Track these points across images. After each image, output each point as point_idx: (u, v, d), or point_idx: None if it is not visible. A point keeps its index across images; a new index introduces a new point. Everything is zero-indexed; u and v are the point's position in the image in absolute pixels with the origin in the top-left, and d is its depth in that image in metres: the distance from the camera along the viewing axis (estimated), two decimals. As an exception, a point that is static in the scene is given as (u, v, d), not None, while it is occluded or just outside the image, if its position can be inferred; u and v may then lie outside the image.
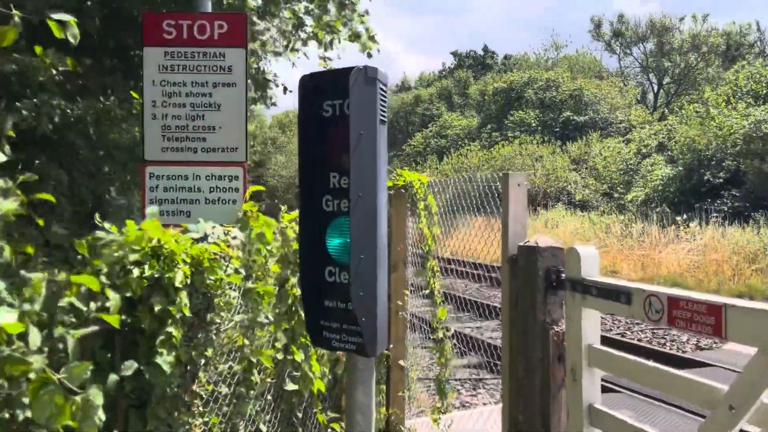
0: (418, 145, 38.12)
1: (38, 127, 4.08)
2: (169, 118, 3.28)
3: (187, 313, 2.45)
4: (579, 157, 28.99)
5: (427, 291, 4.27)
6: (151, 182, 3.27)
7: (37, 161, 4.41)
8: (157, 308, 2.34)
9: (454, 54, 54.76)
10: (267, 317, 3.16)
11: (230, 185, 3.22)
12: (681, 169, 22.29)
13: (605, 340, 8.55)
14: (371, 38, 7.62)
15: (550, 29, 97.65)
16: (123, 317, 2.34)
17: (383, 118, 2.99)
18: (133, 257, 2.35)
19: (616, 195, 25.12)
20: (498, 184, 3.21)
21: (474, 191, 3.74)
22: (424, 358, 7.71)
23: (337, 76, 2.80)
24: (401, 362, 4.73)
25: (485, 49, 54.61)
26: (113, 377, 2.20)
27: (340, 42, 7.68)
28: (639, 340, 9.25)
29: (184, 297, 2.44)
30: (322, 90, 2.91)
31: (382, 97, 2.97)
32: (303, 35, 7.82)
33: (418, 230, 4.55)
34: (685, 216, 18.23)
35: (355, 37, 7.63)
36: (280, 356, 3.32)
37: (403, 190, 4.74)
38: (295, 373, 3.47)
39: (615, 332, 9.74)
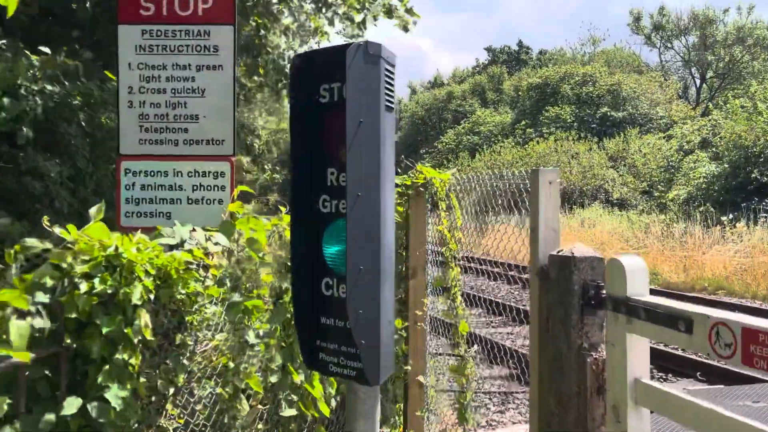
0: (450, 142, 37.45)
1: (27, 117, 3.78)
2: (147, 106, 2.87)
3: (148, 336, 2.06)
4: (617, 154, 28.03)
5: (449, 301, 3.82)
6: (126, 179, 2.88)
7: (22, 154, 4.11)
8: (106, 330, 1.95)
9: (488, 50, 53.91)
10: (258, 335, 2.76)
11: (216, 183, 2.82)
12: (726, 166, 21.26)
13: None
14: (408, 11, 7.07)
15: (587, 23, 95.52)
16: (68, 341, 1.96)
17: (390, 104, 2.55)
18: (81, 269, 1.97)
19: (656, 193, 24.17)
20: (527, 182, 2.75)
21: (501, 190, 3.28)
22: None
23: (334, 55, 2.37)
24: (420, 378, 4.29)
25: (520, 44, 53.61)
26: (49, 417, 1.81)
27: (376, 20, 7.14)
28: (683, 349, 8.62)
29: (144, 316, 2.05)
30: (318, 71, 2.49)
31: (388, 80, 2.53)
32: (328, 14, 7.33)
33: (439, 233, 4.11)
34: (731, 215, 17.32)
35: (388, 12, 7.09)
36: (274, 379, 2.92)
37: (422, 189, 4.30)
38: (294, 397, 3.06)
39: (657, 340, 9.11)
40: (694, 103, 41.08)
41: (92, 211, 2.10)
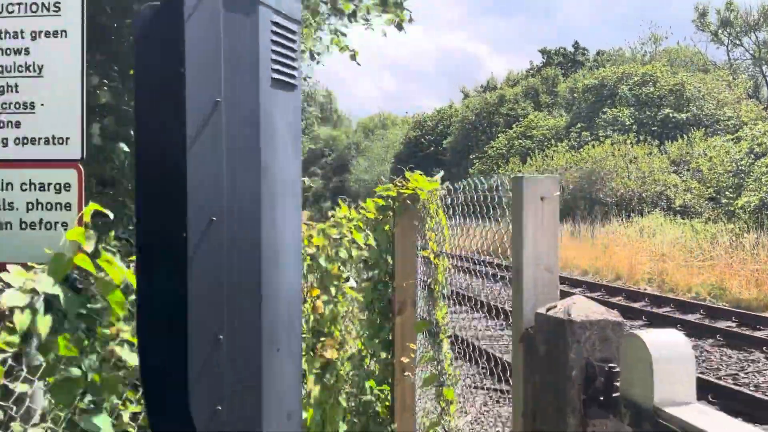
0: (501, 146, 36.08)
1: None
2: (-36, 92, 2.10)
3: None
4: (680, 157, 26.17)
5: (431, 353, 2.90)
6: (-63, 195, 2.11)
7: None
8: None
9: (542, 52, 52.08)
10: (119, 416, 1.94)
11: (59, 199, 2.01)
12: (804, 170, 19.35)
13: (710, 387, 6.76)
14: (398, 5, 6.28)
15: (647, 21, 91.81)
16: None
17: (285, 78, 1.68)
18: None
19: (723, 200, 22.30)
20: (509, 194, 1.84)
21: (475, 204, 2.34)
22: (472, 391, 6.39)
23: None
24: (408, 441, 3.39)
25: (576, 45, 51.60)
26: None
27: (369, 13, 6.37)
28: (756, 386, 7.36)
29: None
30: (171, 30, 1.63)
31: (281, 39, 1.67)
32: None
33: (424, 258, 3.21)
34: (810, 225, 15.58)
35: (382, 3, 6.31)
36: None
37: (410, 202, 3.40)
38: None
39: (725, 372, 7.86)
40: (766, 102, 38.36)
41: None
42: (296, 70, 1.69)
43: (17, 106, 2.03)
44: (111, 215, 1.87)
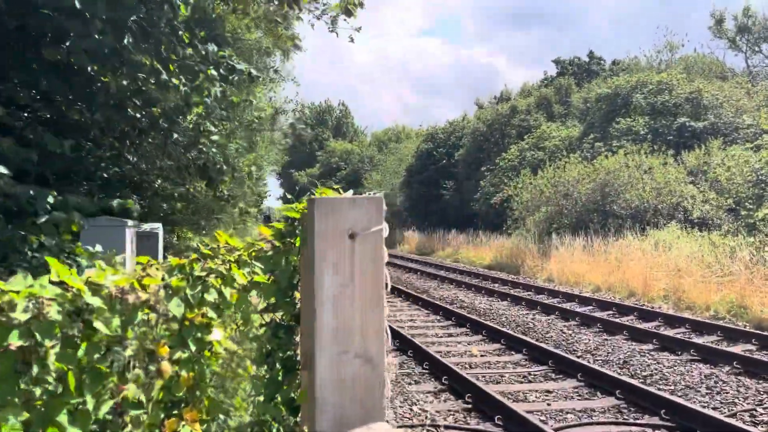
0: (513, 158, 35.13)
1: None
2: None
3: None
4: (697, 167, 25.10)
5: None
6: None
7: None
8: None
9: (556, 62, 51.17)
10: None
11: None
12: (829, 179, 18.27)
13: (723, 429, 5.89)
14: None
15: (663, 29, 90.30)
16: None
17: None
18: None
19: (743, 212, 21.21)
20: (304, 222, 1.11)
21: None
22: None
23: None
24: None
25: (590, 55, 50.64)
26: None
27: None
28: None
29: None
30: None
31: None
32: None
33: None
34: (836, 238, 14.54)
35: None
36: None
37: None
38: None
39: (741, 408, 6.97)
40: (787, 110, 37.05)
41: None
42: None
43: None
44: None
